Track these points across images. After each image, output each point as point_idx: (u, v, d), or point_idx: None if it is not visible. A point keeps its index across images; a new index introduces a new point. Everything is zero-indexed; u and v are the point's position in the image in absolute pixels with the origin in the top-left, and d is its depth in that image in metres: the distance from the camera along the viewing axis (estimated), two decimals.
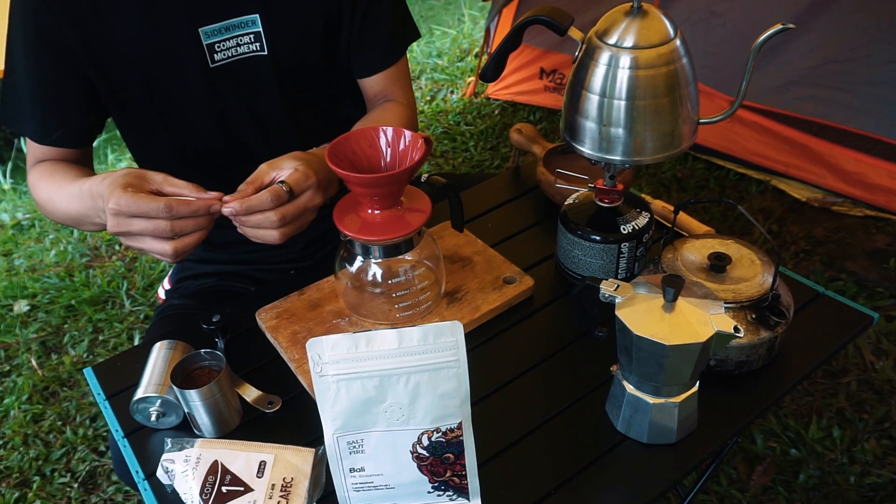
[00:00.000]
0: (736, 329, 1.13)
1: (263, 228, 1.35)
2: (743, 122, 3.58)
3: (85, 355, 3.19)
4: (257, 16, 1.58)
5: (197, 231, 1.32)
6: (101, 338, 3.28)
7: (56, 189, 1.54)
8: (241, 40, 1.59)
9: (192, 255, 1.96)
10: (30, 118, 1.59)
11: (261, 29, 1.59)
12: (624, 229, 1.50)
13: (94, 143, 1.69)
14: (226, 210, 1.31)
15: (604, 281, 1.22)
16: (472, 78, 4.90)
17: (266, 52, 1.62)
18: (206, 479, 1.20)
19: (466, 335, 1.10)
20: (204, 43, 1.56)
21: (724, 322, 1.14)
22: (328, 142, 1.37)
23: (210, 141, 1.68)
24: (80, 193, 1.44)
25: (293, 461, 1.24)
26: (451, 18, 6.22)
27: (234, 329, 1.54)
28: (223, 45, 1.58)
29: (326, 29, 1.68)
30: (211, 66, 1.59)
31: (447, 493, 1.18)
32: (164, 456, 1.25)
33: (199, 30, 1.55)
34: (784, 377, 1.38)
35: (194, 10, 1.54)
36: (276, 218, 1.34)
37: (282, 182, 1.35)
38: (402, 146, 1.38)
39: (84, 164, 1.68)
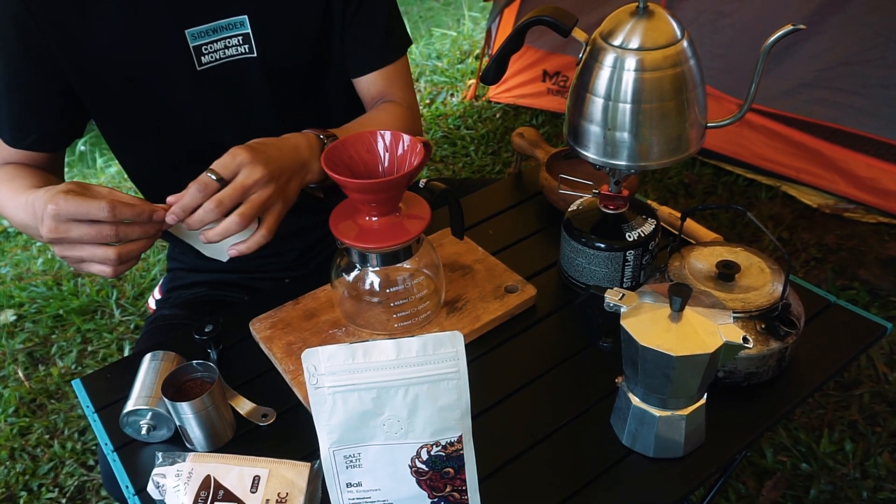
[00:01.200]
0: (745, 339, 1.13)
1: (216, 223, 1.33)
2: (752, 126, 3.59)
3: (73, 366, 3.19)
4: (246, 17, 1.58)
5: (141, 238, 1.31)
6: (89, 348, 3.28)
7: (10, 195, 1.53)
8: (229, 42, 1.59)
9: (182, 263, 1.96)
10: (4, 122, 1.60)
11: (250, 30, 1.59)
12: (629, 237, 1.50)
13: (83, 148, 1.70)
14: (168, 219, 1.31)
15: (608, 290, 1.22)
16: (473, 80, 4.90)
17: (255, 55, 1.62)
18: (198, 495, 1.20)
19: (467, 346, 1.10)
20: (191, 45, 1.56)
21: (732, 332, 1.14)
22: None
23: (198, 146, 1.68)
24: (25, 204, 1.43)
25: (288, 476, 1.24)
26: (451, 19, 6.23)
27: (227, 339, 1.54)
28: (210, 48, 1.58)
29: (318, 28, 1.68)
30: (198, 68, 1.59)
31: None
32: (155, 470, 1.25)
33: (186, 31, 1.55)
34: (794, 389, 1.38)
35: (180, 11, 1.54)
36: (212, 206, 1.31)
37: (210, 170, 1.34)
38: (400, 151, 1.38)
39: (52, 169, 1.68)
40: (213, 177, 1.32)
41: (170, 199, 1.32)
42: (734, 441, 1.30)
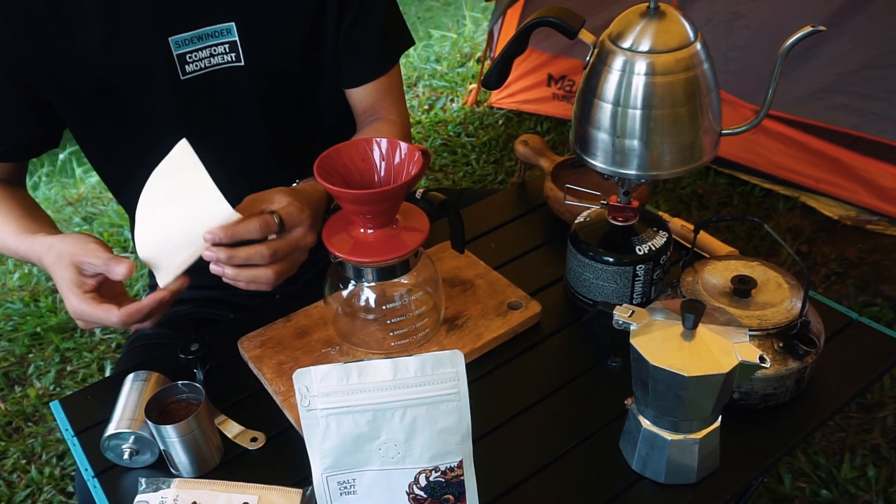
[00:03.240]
0: (761, 359, 1.13)
1: (254, 267, 1.36)
2: (769, 134, 3.59)
3: (51, 387, 3.18)
4: (233, 24, 1.58)
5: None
6: (69, 368, 3.28)
7: None
8: (215, 50, 1.59)
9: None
10: None
11: (237, 38, 1.59)
12: (639, 250, 1.50)
13: (63, 157, 1.70)
14: (208, 238, 1.31)
15: (617, 306, 1.23)
16: (474, 85, 4.91)
17: (243, 63, 1.62)
18: None
19: (468, 366, 1.10)
20: (174, 53, 1.56)
21: (748, 351, 1.14)
22: (310, 160, 1.36)
23: None
24: (28, 251, 1.53)
25: (279, 503, 1.24)
26: (451, 20, 6.24)
27: (214, 359, 1.54)
28: (195, 56, 1.58)
29: (309, 35, 1.69)
30: (182, 78, 1.59)
31: None
32: (138, 497, 1.25)
33: (170, 39, 1.55)
34: (814, 411, 1.38)
35: (164, 17, 1.53)
36: (267, 252, 1.34)
37: (272, 212, 1.36)
38: (397, 159, 1.39)
39: (14, 179, 1.71)
40: (277, 219, 1.36)
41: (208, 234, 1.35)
42: (750, 466, 1.30)
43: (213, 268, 1.34)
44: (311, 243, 1.42)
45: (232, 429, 1.40)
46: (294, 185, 1.56)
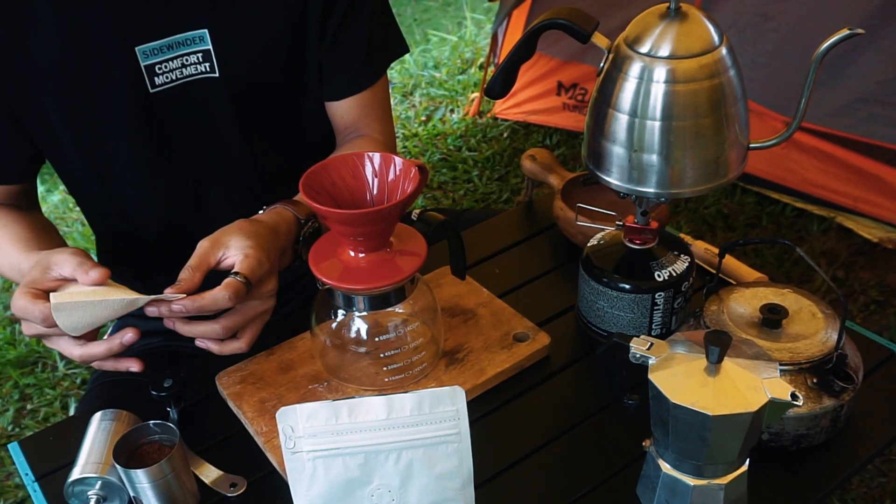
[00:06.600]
0: (794, 396, 1.13)
1: (204, 322, 1.40)
2: (801, 148, 3.60)
3: (10, 427, 3.18)
4: (206, 31, 1.58)
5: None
6: (29, 406, 3.27)
7: None
8: (186, 60, 1.59)
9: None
10: None
11: (210, 46, 1.59)
12: (659, 276, 1.51)
13: None
14: (175, 307, 1.34)
15: (634, 338, 1.23)
16: (476, 94, 4.92)
17: (217, 74, 1.62)
18: None
19: (469, 403, 1.11)
20: (142, 64, 1.56)
21: (779, 388, 1.14)
22: (296, 176, 1.36)
23: (151, 182, 1.69)
24: (19, 273, 1.51)
25: None
26: (451, 22, 6.25)
27: (189, 396, 1.54)
28: (165, 67, 1.58)
29: (290, 43, 1.68)
30: (151, 91, 1.58)
31: None
32: None
33: (136, 49, 1.54)
34: (851, 454, 1.38)
35: (129, 25, 1.53)
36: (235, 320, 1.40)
37: (236, 273, 1.36)
38: (391, 176, 1.39)
39: (23, 201, 1.72)
40: (242, 280, 1.36)
41: (169, 290, 1.36)
42: None
43: (167, 323, 1.39)
44: (272, 290, 1.43)
45: (209, 473, 1.40)
46: (260, 212, 1.56)
